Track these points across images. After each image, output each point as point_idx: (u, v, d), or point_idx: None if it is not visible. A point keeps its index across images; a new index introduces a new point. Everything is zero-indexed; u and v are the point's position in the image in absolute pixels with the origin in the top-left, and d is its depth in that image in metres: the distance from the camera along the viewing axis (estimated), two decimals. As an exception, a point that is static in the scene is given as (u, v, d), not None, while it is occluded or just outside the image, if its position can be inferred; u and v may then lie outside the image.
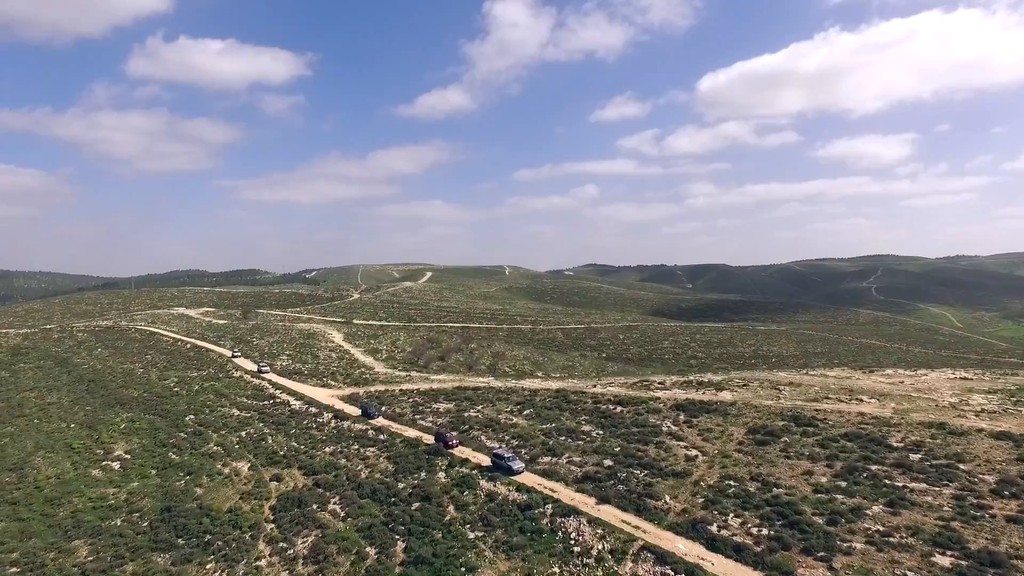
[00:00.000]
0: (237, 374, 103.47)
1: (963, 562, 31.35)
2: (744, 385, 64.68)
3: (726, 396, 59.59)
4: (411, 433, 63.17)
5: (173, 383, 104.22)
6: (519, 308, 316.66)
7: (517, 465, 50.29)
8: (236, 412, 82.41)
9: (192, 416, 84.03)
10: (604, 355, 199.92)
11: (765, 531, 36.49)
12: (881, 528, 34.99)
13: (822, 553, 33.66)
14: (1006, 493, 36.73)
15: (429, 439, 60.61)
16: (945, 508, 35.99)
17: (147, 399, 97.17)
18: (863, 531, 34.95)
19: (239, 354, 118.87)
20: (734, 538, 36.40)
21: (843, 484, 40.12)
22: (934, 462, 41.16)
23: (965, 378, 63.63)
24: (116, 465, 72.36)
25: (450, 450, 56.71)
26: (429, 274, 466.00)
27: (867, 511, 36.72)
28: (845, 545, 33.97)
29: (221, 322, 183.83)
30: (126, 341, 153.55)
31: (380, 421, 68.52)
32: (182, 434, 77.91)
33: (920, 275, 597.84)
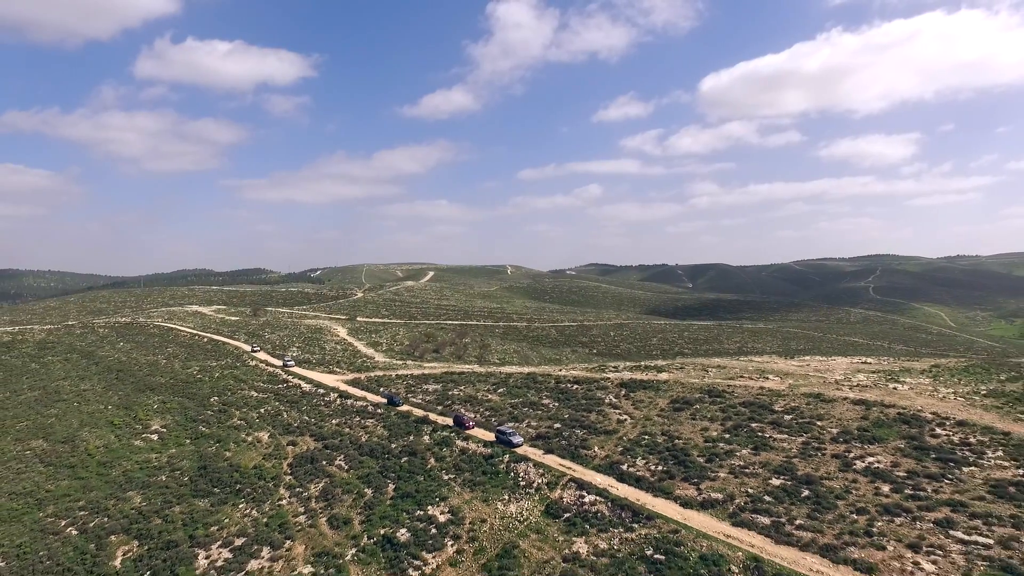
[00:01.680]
0: (253, 363, 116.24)
1: (789, 482, 43.75)
2: (681, 368, 77.02)
3: (663, 376, 71.93)
4: (403, 408, 75.72)
5: (195, 371, 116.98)
6: (517, 307, 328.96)
7: (516, 439, 58.77)
8: (254, 394, 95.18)
9: (216, 398, 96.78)
10: (594, 351, 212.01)
11: (660, 467, 48.97)
12: (742, 463, 47.42)
13: (695, 480, 46.12)
14: (840, 440, 49.05)
15: (420, 412, 73.01)
16: (793, 450, 48.35)
17: (174, 384, 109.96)
18: (729, 465, 47.39)
19: (258, 348, 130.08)
20: (637, 473, 48.89)
21: (727, 436, 52.56)
22: (800, 420, 53.50)
23: (865, 362, 75.66)
24: (155, 437, 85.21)
25: (467, 431, 64.34)
26: (431, 273, 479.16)
27: (737, 453, 49.16)
28: (712, 475, 46.43)
29: (233, 318, 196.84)
30: (146, 336, 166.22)
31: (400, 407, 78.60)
32: (209, 412, 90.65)
33: (919, 275, 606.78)
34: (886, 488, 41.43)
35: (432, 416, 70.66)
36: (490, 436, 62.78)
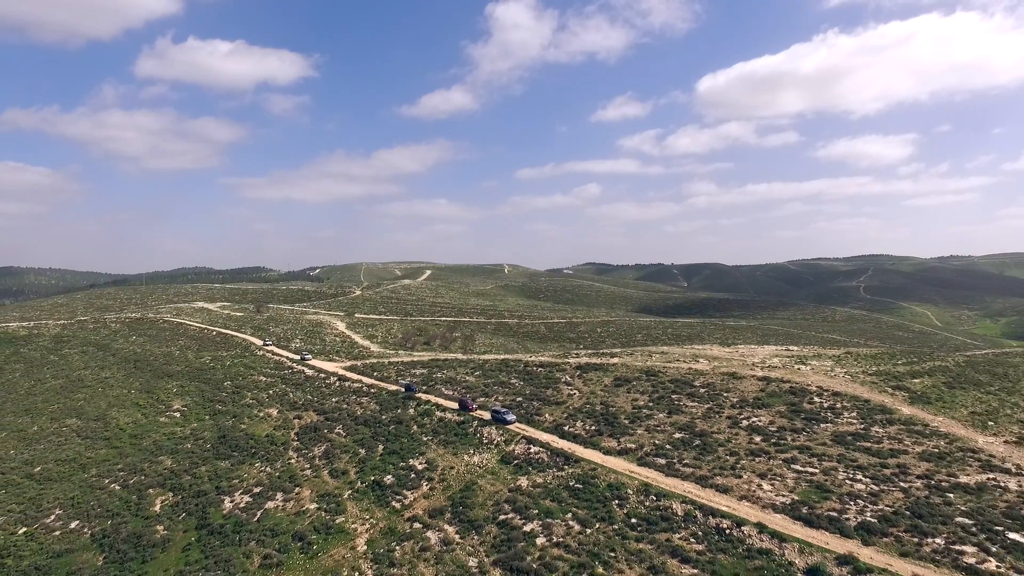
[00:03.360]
0: (260, 353, 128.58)
1: (687, 436, 56.27)
2: (631, 354, 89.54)
3: (614, 360, 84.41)
4: (393, 387, 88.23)
5: (208, 360, 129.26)
6: (509, 304, 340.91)
7: (510, 417, 68.21)
8: (263, 379, 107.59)
9: (229, 382, 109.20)
10: (580, 346, 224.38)
11: (593, 427, 61.51)
12: (656, 423, 59.96)
13: (619, 436, 58.68)
14: (737, 406, 61.58)
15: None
16: (698, 413, 60.86)
17: (189, 372, 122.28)
18: (646, 425, 59.91)
19: (270, 343, 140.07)
20: (575, 431, 61.45)
21: (651, 404, 65.08)
22: (711, 392, 66.01)
23: (788, 349, 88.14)
24: (177, 414, 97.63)
25: (471, 412, 71.63)
26: (428, 272, 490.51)
27: (655, 416, 61.66)
28: (631, 431, 58.95)
29: (238, 314, 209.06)
30: (157, 330, 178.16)
31: (384, 384, 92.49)
32: (224, 393, 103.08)
33: (910, 275, 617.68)
34: (758, 439, 53.93)
35: (418, 394, 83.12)
36: (486, 415, 71.00)
